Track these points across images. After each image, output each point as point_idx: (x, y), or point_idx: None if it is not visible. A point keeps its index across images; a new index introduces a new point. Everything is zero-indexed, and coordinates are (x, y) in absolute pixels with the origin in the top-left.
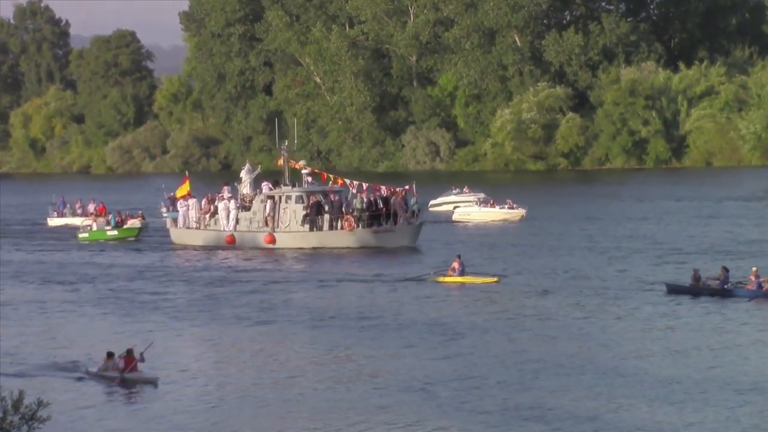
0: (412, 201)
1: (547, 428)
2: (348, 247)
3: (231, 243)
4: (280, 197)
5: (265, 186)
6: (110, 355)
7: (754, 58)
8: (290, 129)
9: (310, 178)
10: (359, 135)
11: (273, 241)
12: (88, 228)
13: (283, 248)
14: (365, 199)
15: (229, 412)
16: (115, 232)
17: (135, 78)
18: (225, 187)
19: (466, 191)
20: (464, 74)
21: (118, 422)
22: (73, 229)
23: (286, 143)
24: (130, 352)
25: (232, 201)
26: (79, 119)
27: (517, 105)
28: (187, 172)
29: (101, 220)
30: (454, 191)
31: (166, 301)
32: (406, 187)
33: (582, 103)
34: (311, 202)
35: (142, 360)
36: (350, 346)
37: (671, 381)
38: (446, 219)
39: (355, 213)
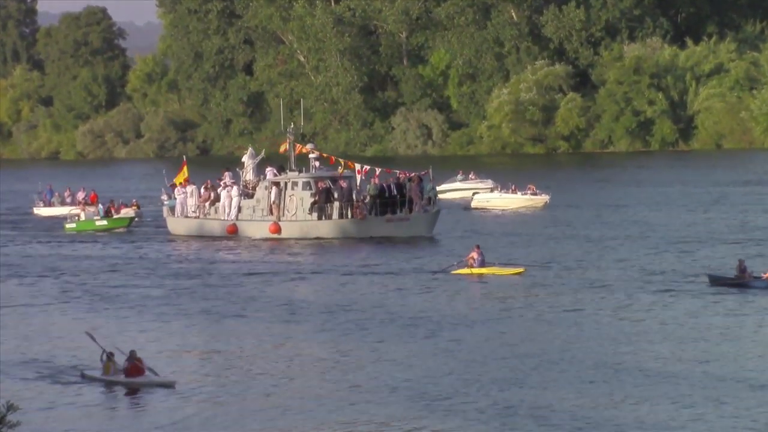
0: (428, 187)
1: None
2: (359, 237)
3: (233, 233)
4: (285, 183)
5: (270, 171)
6: (110, 356)
7: (766, 34)
8: (272, 111)
9: (317, 163)
10: (346, 117)
11: (278, 230)
12: (76, 218)
13: (289, 238)
14: (378, 185)
15: (237, 415)
16: (105, 222)
17: (107, 57)
18: (226, 173)
19: (473, 177)
20: (458, 52)
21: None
22: (62, 220)
23: (292, 125)
24: (133, 353)
25: (234, 188)
26: (48, 102)
27: (515, 84)
28: (185, 157)
29: (90, 209)
30: (459, 177)
31: (157, 297)
32: (422, 172)
33: (583, 83)
34: (319, 188)
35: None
36: (360, 345)
37: (724, 383)
38: (463, 206)
39: (367, 200)
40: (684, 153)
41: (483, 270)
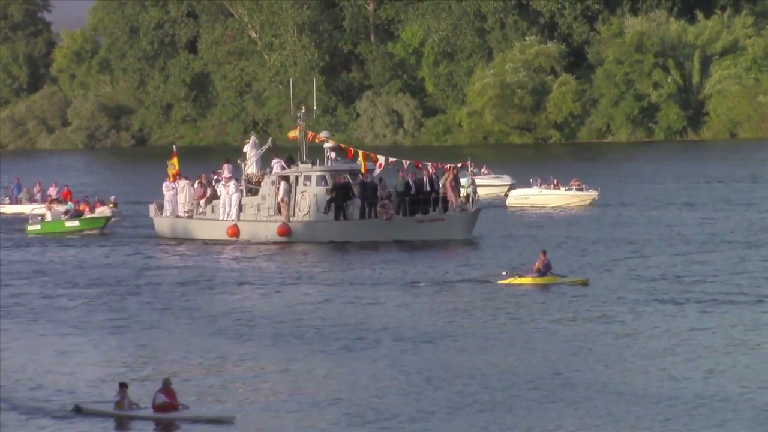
0: (466, 181)
1: None
2: (384, 241)
3: (234, 235)
4: (296, 178)
5: (277, 164)
6: (123, 386)
7: None
8: (219, 95)
9: (333, 154)
10: (304, 102)
11: (288, 232)
12: (39, 218)
13: (300, 241)
14: (405, 180)
15: None
16: (76, 223)
17: (28, 33)
18: (225, 166)
19: (486, 172)
20: (433, 27)
21: None
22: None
23: (303, 110)
24: (167, 382)
25: (233, 183)
26: None
27: (500, 65)
28: (174, 147)
29: (57, 207)
30: (469, 171)
31: (142, 314)
32: (459, 164)
33: (578, 63)
34: (337, 183)
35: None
36: (381, 368)
37: None
38: (498, 204)
39: (393, 197)
40: (693, 143)
41: (541, 280)
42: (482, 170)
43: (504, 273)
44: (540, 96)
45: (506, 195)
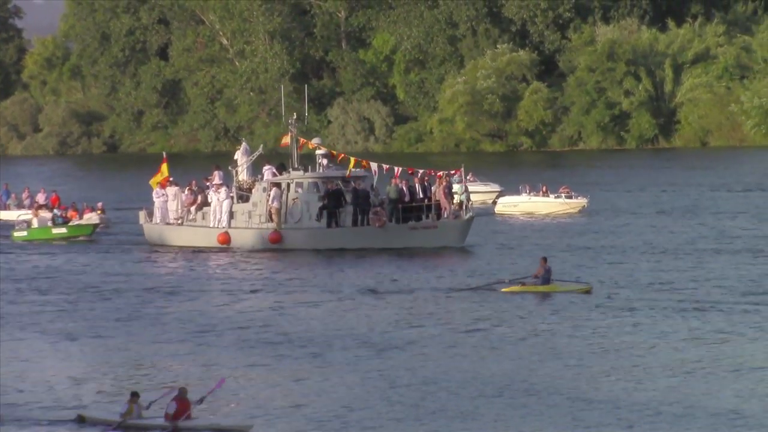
0: (460, 188)
1: None
2: (377, 248)
3: (225, 242)
4: (288, 184)
5: (268, 170)
6: (135, 395)
7: (759, 15)
8: (191, 102)
9: (325, 161)
10: (275, 109)
11: (279, 240)
12: (25, 224)
13: (292, 249)
14: (399, 187)
15: None
16: (63, 230)
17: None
18: (216, 172)
19: (471, 179)
20: (405, 34)
21: None
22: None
23: (295, 116)
24: (183, 392)
25: (224, 189)
26: None
27: (471, 72)
28: (164, 153)
29: (44, 214)
30: (454, 178)
31: (124, 321)
32: (452, 171)
33: (549, 70)
34: (329, 190)
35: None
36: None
37: None
38: (487, 212)
39: (386, 204)
40: (665, 151)
41: (544, 288)
42: (468, 177)
43: (507, 281)
44: (511, 103)
45: (494, 202)
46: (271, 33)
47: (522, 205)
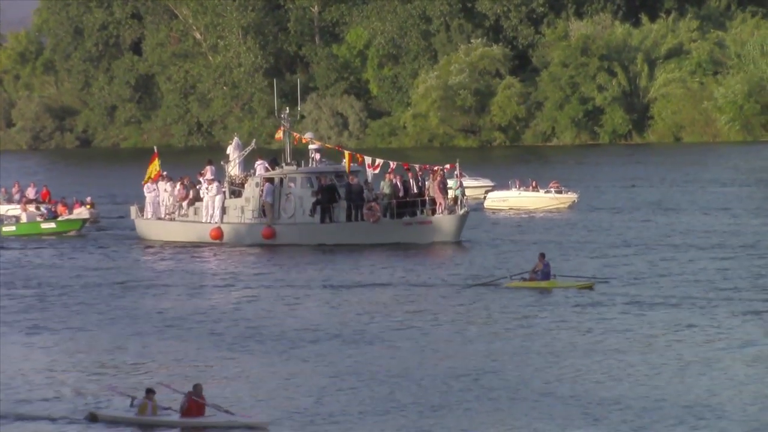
0: (454, 183)
1: None
2: (371, 244)
3: (217, 238)
4: (281, 179)
5: (260, 165)
6: (150, 391)
7: (732, 10)
8: (164, 96)
9: (318, 155)
10: (249, 104)
11: (272, 235)
12: (14, 219)
13: (285, 245)
14: (392, 182)
15: None
16: (52, 225)
17: None
18: (208, 167)
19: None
20: (378, 29)
21: None
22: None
23: (288, 110)
24: (198, 388)
25: (216, 184)
26: None
27: (444, 67)
28: (155, 148)
29: (32, 209)
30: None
31: (123, 320)
32: (447, 166)
33: (523, 65)
34: (322, 185)
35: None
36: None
37: None
38: (476, 207)
39: (380, 199)
40: (638, 147)
41: (546, 284)
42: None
43: (510, 277)
44: (485, 98)
45: (484, 197)
46: (245, 28)
47: (512, 199)
